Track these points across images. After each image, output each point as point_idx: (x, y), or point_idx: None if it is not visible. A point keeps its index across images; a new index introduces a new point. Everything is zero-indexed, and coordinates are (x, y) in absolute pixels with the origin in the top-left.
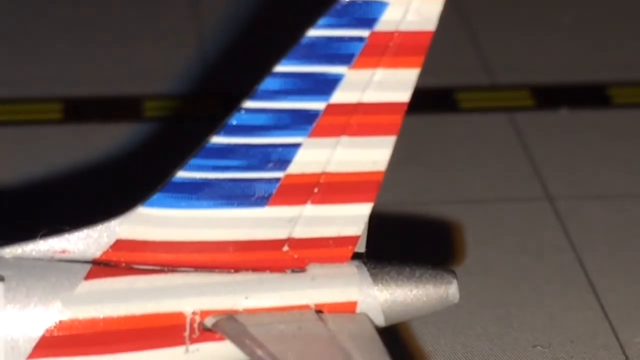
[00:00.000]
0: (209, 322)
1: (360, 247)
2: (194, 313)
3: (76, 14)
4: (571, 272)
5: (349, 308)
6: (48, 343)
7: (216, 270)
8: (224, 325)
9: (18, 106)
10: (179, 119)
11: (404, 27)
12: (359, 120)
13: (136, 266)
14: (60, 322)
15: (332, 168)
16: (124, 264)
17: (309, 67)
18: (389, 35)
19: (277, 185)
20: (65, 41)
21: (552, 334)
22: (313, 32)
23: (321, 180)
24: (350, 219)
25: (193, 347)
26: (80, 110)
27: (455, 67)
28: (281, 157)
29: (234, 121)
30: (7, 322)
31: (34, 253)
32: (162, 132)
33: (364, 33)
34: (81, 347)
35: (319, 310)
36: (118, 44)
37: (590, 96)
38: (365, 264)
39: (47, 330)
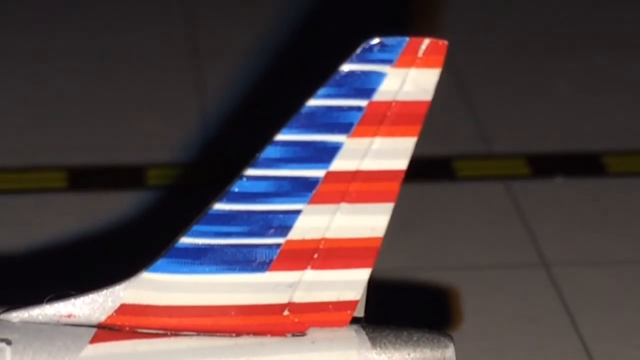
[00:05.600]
0: None
1: (359, 312)
2: None
3: (79, 84)
4: (567, 337)
5: None
6: None
7: (218, 334)
8: None
9: (23, 175)
10: (182, 187)
11: (401, 97)
12: (357, 187)
13: (140, 330)
14: None
15: (331, 234)
16: (128, 328)
17: (309, 135)
18: (387, 105)
19: (278, 250)
20: (68, 111)
21: None
22: (313, 102)
23: (321, 246)
24: (350, 284)
25: None
26: (84, 179)
27: (453, 136)
28: (282, 223)
29: (235, 188)
30: None
31: (40, 317)
32: (165, 199)
33: (363, 103)
34: None
35: None
36: (121, 113)
37: (585, 165)
38: (364, 328)
39: None
